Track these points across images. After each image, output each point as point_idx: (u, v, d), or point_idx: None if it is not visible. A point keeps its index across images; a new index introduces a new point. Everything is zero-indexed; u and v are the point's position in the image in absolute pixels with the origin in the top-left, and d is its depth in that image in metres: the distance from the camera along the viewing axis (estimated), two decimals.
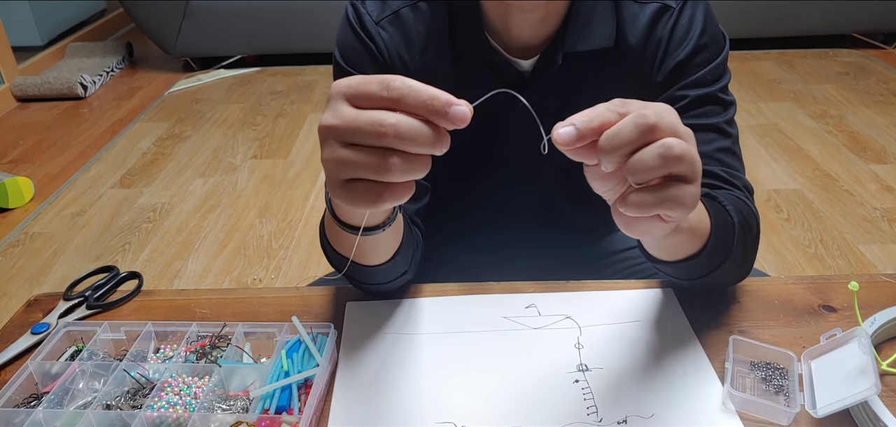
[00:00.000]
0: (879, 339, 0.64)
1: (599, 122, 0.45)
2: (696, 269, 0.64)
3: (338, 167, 0.45)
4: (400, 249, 0.67)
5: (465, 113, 0.42)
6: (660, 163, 0.44)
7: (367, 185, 0.45)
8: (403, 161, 0.43)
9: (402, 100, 0.43)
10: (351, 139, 0.44)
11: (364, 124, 0.43)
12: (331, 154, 0.45)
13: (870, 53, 3.40)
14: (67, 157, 2.69)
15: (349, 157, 0.44)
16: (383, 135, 0.42)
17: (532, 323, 0.70)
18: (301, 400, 0.59)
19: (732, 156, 0.75)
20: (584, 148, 0.46)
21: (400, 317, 0.72)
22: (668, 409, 0.59)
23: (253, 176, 2.46)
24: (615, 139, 0.44)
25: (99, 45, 3.77)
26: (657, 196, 0.46)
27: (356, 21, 0.76)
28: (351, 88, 0.44)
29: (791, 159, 2.40)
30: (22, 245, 2.09)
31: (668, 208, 0.46)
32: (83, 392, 0.63)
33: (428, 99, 0.42)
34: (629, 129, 0.44)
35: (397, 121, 0.42)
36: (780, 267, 1.83)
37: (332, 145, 0.45)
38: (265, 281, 1.87)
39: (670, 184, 0.46)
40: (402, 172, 0.43)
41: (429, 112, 0.42)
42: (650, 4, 0.73)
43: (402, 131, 0.42)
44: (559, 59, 0.73)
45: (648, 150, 0.45)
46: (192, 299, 0.76)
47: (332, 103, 0.45)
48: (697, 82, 0.73)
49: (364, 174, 0.44)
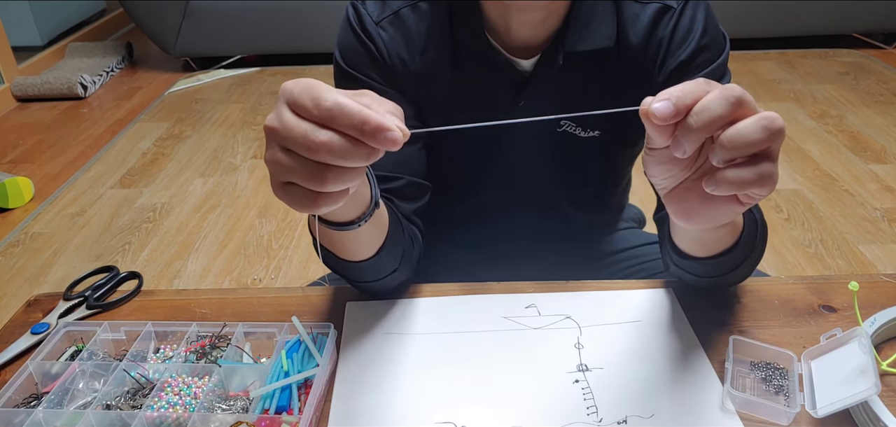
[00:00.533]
0: (879, 339, 0.64)
1: (693, 97, 0.44)
2: (723, 265, 0.64)
3: (276, 169, 0.45)
4: (385, 246, 0.67)
5: (396, 138, 0.42)
6: (763, 135, 0.43)
7: (302, 191, 0.45)
8: (335, 174, 0.44)
9: (333, 121, 0.43)
10: (287, 145, 0.44)
11: (297, 136, 0.43)
12: (271, 155, 0.46)
13: (870, 53, 3.40)
14: (67, 157, 2.69)
15: (286, 162, 0.44)
16: (315, 151, 0.43)
17: (532, 323, 0.70)
18: (301, 400, 0.59)
19: None
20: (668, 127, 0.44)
21: (400, 317, 0.72)
22: (668, 409, 0.59)
23: (253, 176, 2.46)
24: (705, 114, 0.43)
25: (99, 45, 3.77)
26: (755, 171, 0.44)
27: (356, 22, 0.76)
28: (292, 95, 0.44)
29: (791, 159, 2.40)
30: (22, 245, 2.09)
31: (760, 185, 0.45)
32: (83, 392, 0.63)
33: (358, 123, 0.42)
34: (719, 102, 0.43)
35: (329, 139, 0.42)
36: (780, 267, 1.83)
37: (273, 147, 0.45)
38: (265, 281, 1.87)
39: (762, 160, 0.45)
40: (335, 182, 0.44)
41: (360, 135, 0.42)
42: (651, 4, 0.73)
43: (334, 148, 0.43)
44: (560, 59, 0.73)
45: (750, 122, 0.43)
46: (192, 299, 0.76)
47: (277, 104, 0.46)
48: None
49: (299, 180, 0.45)
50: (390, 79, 0.76)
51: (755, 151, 0.44)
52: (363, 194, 0.59)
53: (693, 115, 0.43)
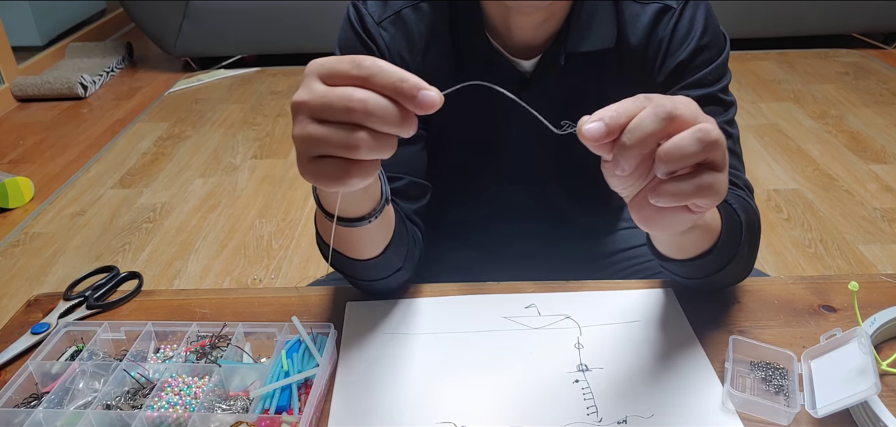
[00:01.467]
0: (879, 339, 0.64)
1: (627, 116, 0.45)
2: (705, 267, 0.64)
3: (307, 143, 0.45)
4: (391, 244, 0.67)
5: (433, 98, 0.43)
6: (698, 148, 0.44)
7: (333, 163, 0.45)
8: (371, 138, 0.44)
9: (371, 78, 0.43)
10: (321, 115, 0.44)
11: (334, 99, 0.43)
12: (301, 130, 0.45)
13: (870, 53, 3.39)
14: (67, 157, 2.69)
15: (318, 132, 0.44)
16: (352, 110, 0.43)
17: (532, 323, 0.70)
18: (301, 400, 0.59)
19: (734, 156, 0.75)
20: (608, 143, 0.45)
21: (400, 317, 0.72)
22: (668, 409, 0.59)
23: (253, 176, 2.46)
24: (637, 132, 0.44)
25: (99, 45, 3.77)
26: (693, 183, 0.45)
27: (357, 21, 0.76)
28: (324, 67, 0.45)
29: (791, 159, 2.40)
30: (22, 245, 2.09)
31: (702, 196, 0.46)
32: (83, 392, 0.63)
33: (397, 80, 0.43)
34: (650, 119, 0.44)
35: (366, 97, 0.43)
36: (780, 267, 1.83)
37: (303, 121, 0.45)
38: (265, 281, 1.87)
39: (704, 171, 0.46)
40: (369, 149, 0.44)
41: (397, 94, 0.43)
42: (651, 5, 0.73)
43: (371, 108, 0.43)
44: (561, 60, 0.73)
45: (685, 136, 0.44)
46: (192, 299, 0.76)
47: (305, 81, 0.46)
48: (698, 83, 0.73)
49: (332, 151, 0.44)
50: None
51: (694, 163, 0.45)
52: (374, 190, 0.60)
53: (626, 134, 0.44)
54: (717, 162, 0.46)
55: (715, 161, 0.46)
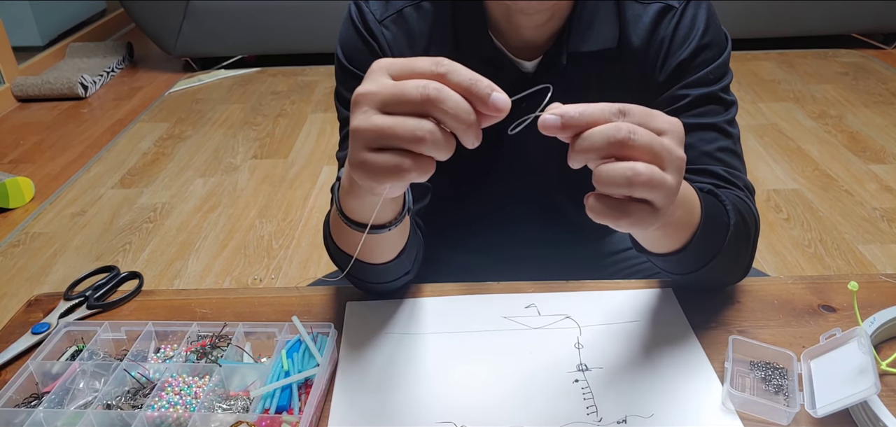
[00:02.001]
0: (879, 338, 0.64)
1: (587, 120, 0.46)
2: (681, 264, 0.64)
3: (370, 134, 0.45)
4: (405, 248, 0.68)
5: (504, 101, 0.44)
6: (622, 182, 0.45)
7: (393, 156, 0.45)
8: (438, 132, 0.44)
9: (448, 75, 0.44)
10: (390, 106, 0.45)
11: (410, 89, 0.44)
12: (365, 120, 0.45)
13: (870, 53, 3.40)
14: (68, 157, 2.69)
15: (384, 123, 0.45)
16: (428, 97, 0.44)
17: (532, 323, 0.70)
18: (301, 400, 0.59)
19: (733, 155, 0.75)
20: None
21: (400, 316, 0.72)
22: (667, 409, 0.59)
23: (253, 176, 2.46)
24: (585, 142, 0.46)
25: (99, 46, 3.77)
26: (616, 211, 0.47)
27: (359, 20, 0.76)
28: (396, 63, 0.46)
29: (791, 159, 2.40)
30: (22, 245, 2.09)
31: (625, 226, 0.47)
32: (83, 392, 0.63)
33: (473, 79, 0.44)
34: (599, 137, 0.45)
35: (442, 88, 0.44)
36: (780, 267, 1.83)
37: (368, 112, 0.45)
38: (265, 281, 1.87)
39: (632, 204, 0.47)
40: (434, 143, 0.44)
41: (470, 94, 0.44)
42: (653, 5, 0.73)
43: (445, 97, 0.43)
44: (563, 60, 0.73)
45: (616, 167, 0.45)
46: (193, 299, 0.76)
47: (372, 75, 0.46)
48: (699, 82, 0.73)
49: (397, 142, 0.45)
50: None
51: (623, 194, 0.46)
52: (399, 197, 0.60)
53: (579, 139, 0.46)
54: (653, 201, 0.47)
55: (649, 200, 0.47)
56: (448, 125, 0.44)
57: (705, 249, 0.63)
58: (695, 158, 0.72)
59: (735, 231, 0.65)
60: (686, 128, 0.74)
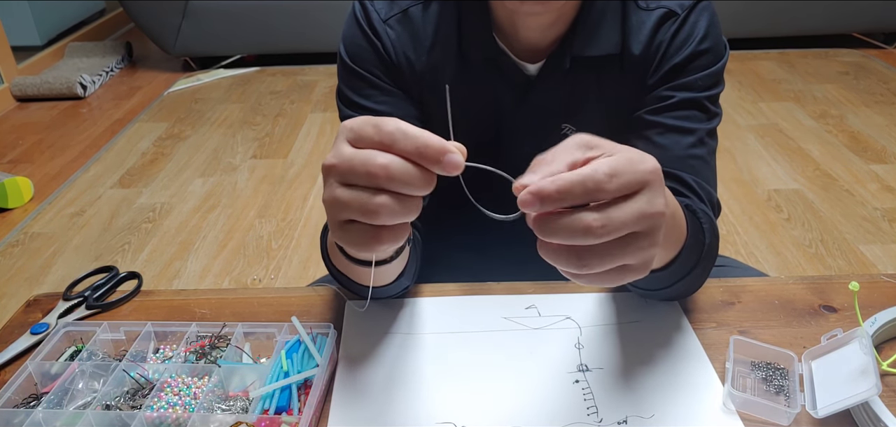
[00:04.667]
0: (880, 339, 0.64)
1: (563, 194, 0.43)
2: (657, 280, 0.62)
3: (335, 207, 0.45)
4: (404, 271, 0.67)
5: (458, 162, 0.43)
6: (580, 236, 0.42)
7: (361, 228, 0.45)
8: (394, 201, 0.43)
9: (394, 144, 0.43)
10: (346, 179, 0.44)
11: (357, 164, 0.43)
12: (329, 194, 0.45)
13: (870, 53, 3.40)
14: (67, 157, 2.69)
15: (344, 197, 0.44)
16: (374, 175, 0.43)
17: (532, 323, 0.70)
18: (301, 400, 0.59)
19: (705, 166, 0.74)
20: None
21: (400, 317, 0.72)
22: (668, 409, 0.59)
23: (252, 176, 2.46)
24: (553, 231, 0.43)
25: (98, 45, 3.77)
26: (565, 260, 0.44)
27: (364, 19, 0.75)
28: (353, 130, 0.45)
29: (791, 159, 2.40)
30: (21, 245, 2.09)
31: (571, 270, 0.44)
32: (83, 392, 0.63)
33: (421, 146, 0.42)
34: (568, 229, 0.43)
35: (389, 161, 0.43)
36: (781, 267, 1.83)
37: (332, 185, 0.45)
38: (265, 281, 1.87)
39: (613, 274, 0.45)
40: (391, 213, 0.43)
41: (420, 158, 0.43)
42: (656, 11, 0.73)
43: (393, 172, 0.42)
44: (567, 64, 0.73)
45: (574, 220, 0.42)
46: (192, 299, 0.76)
47: (336, 142, 0.46)
48: (687, 86, 0.72)
49: (356, 215, 0.44)
50: (396, 78, 0.76)
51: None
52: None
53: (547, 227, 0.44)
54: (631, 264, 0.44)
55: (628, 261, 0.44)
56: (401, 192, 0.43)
57: (682, 268, 0.62)
58: (666, 161, 0.71)
59: (707, 252, 0.64)
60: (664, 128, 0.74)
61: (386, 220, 0.44)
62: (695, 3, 0.73)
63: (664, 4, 0.73)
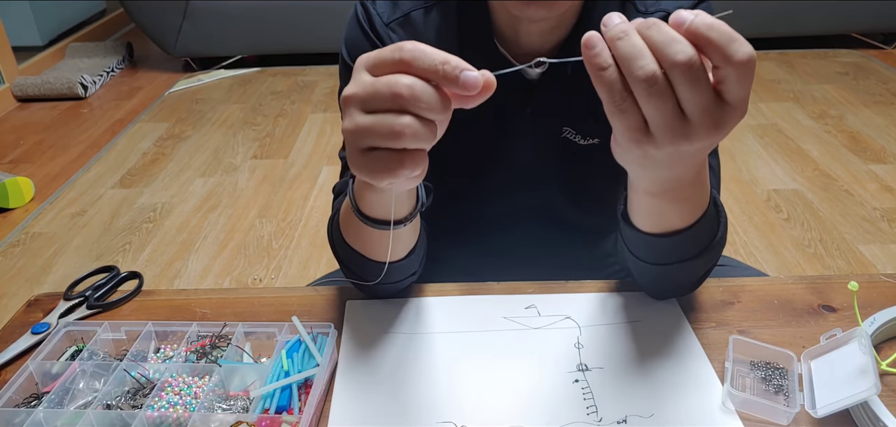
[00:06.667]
0: (879, 339, 0.64)
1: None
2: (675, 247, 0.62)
3: (355, 135, 0.46)
4: (415, 247, 0.68)
5: (475, 78, 0.43)
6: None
7: (383, 155, 0.45)
8: (417, 123, 0.44)
9: (413, 62, 0.44)
10: (369, 105, 0.45)
11: (380, 86, 0.44)
12: (350, 122, 0.46)
13: (870, 53, 3.40)
14: (68, 157, 2.69)
15: (365, 122, 0.45)
16: (399, 94, 0.43)
17: (532, 323, 0.70)
18: (301, 400, 0.59)
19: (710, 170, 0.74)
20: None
21: (400, 316, 0.72)
22: (668, 409, 0.59)
23: (253, 176, 2.46)
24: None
25: (99, 45, 3.77)
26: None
27: (365, 21, 0.75)
28: (370, 58, 0.46)
29: (791, 159, 2.40)
30: (22, 245, 2.09)
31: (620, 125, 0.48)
32: (83, 392, 0.63)
33: (439, 62, 0.43)
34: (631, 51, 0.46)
35: (412, 82, 0.43)
36: (780, 267, 1.83)
37: (352, 113, 0.46)
38: (265, 281, 1.87)
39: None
40: (414, 136, 0.44)
41: (438, 76, 0.43)
42: (655, 15, 0.73)
43: (418, 92, 0.43)
44: (567, 68, 0.73)
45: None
46: (193, 299, 0.76)
47: (354, 74, 0.46)
48: None
49: (379, 141, 0.45)
50: None
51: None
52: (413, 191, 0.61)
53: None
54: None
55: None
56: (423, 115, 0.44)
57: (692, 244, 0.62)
58: None
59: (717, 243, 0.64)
60: None
61: (410, 143, 0.44)
62: (694, 5, 0.73)
63: (663, 7, 0.73)
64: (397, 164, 0.45)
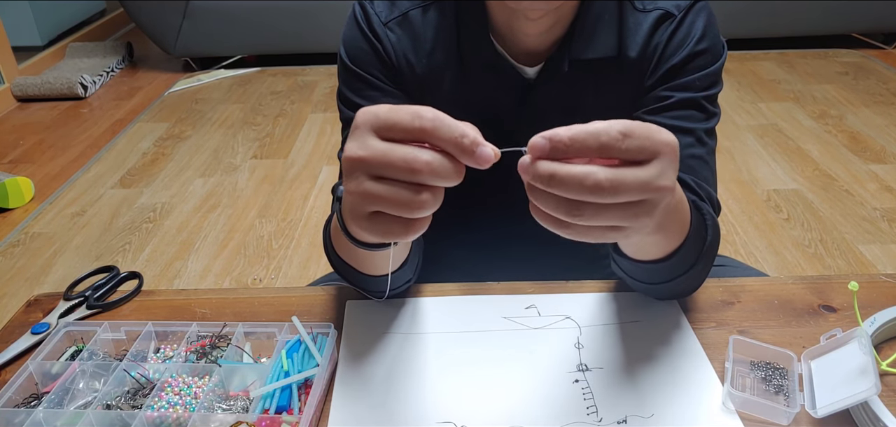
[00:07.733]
0: (879, 339, 0.64)
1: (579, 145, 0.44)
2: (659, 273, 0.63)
3: (364, 200, 0.45)
4: (408, 259, 0.68)
5: (489, 155, 0.43)
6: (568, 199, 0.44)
7: (391, 220, 0.45)
8: (432, 196, 0.44)
9: (434, 132, 0.43)
10: (380, 172, 0.44)
11: (396, 160, 0.43)
12: (357, 187, 0.45)
13: (870, 53, 3.40)
14: (68, 157, 2.69)
15: (377, 191, 0.44)
16: (418, 171, 0.43)
17: (532, 323, 0.70)
18: (301, 400, 0.59)
19: (705, 166, 0.74)
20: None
21: (400, 317, 0.72)
22: (668, 409, 0.59)
23: (253, 176, 2.46)
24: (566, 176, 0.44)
25: (99, 45, 3.77)
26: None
27: (364, 21, 0.76)
28: (379, 120, 0.44)
29: (791, 159, 2.40)
30: (22, 245, 2.09)
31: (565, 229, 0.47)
32: (83, 392, 0.63)
33: (458, 136, 0.43)
34: (571, 180, 0.43)
35: (432, 158, 0.43)
36: (780, 267, 1.83)
37: (359, 178, 0.45)
38: (265, 281, 1.87)
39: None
40: (431, 207, 0.44)
41: (457, 149, 0.43)
42: (652, 12, 0.73)
43: (436, 169, 0.43)
44: (565, 67, 0.73)
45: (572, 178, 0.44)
46: (193, 299, 0.76)
47: (358, 134, 0.45)
48: (685, 86, 0.72)
49: (392, 209, 0.44)
50: (396, 80, 0.76)
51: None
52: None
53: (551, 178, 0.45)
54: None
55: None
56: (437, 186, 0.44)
57: (683, 262, 0.62)
58: None
59: (708, 248, 0.64)
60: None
61: (426, 212, 0.44)
62: (691, 4, 0.73)
63: (660, 5, 0.73)
64: (406, 230, 0.45)
